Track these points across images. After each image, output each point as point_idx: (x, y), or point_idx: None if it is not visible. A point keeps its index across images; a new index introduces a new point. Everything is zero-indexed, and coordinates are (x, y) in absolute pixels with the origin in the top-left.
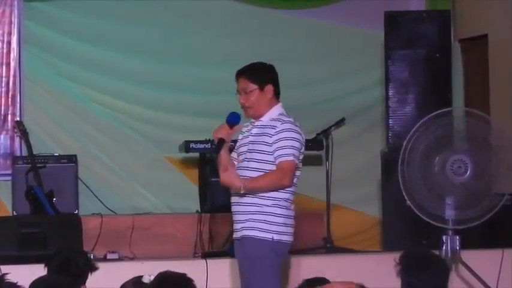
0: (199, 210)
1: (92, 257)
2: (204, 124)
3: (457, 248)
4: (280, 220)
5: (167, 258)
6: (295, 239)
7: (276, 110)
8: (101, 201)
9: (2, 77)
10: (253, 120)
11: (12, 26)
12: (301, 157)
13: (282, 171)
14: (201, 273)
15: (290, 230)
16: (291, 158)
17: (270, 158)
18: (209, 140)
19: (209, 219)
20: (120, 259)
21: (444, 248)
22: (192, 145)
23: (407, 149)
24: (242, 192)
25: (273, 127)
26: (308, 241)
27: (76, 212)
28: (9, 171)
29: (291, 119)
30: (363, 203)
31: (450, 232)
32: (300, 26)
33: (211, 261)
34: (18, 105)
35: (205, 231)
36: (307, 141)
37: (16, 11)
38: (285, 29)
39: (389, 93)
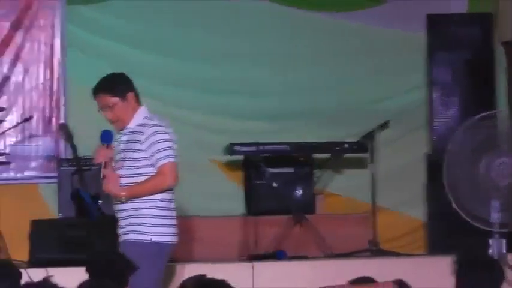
0: (244, 212)
1: None
2: (249, 126)
3: (504, 251)
4: (158, 221)
5: (212, 261)
6: (339, 241)
7: (141, 114)
8: None
9: (46, 80)
10: (121, 130)
11: (55, 29)
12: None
13: (162, 174)
14: (247, 276)
15: (170, 230)
16: (167, 160)
17: (142, 163)
18: (254, 142)
19: (255, 221)
20: (171, 260)
21: (490, 251)
22: (236, 147)
23: (452, 151)
24: (124, 200)
25: (140, 133)
26: (352, 244)
27: None
28: (54, 174)
29: (155, 122)
30: (407, 205)
31: (496, 235)
32: (335, 28)
33: (258, 264)
34: (62, 107)
35: (251, 234)
36: (351, 143)
37: (59, 14)
38: (319, 30)
39: (433, 96)
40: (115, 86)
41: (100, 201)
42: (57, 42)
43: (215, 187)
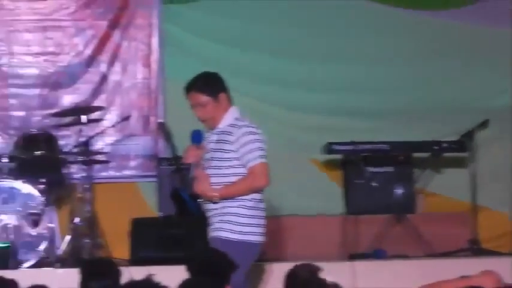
0: (344, 211)
1: None
2: (347, 125)
3: None
4: (246, 220)
5: (312, 259)
6: (439, 241)
7: (232, 115)
8: None
9: (144, 78)
10: (210, 129)
11: (153, 28)
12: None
13: (253, 175)
14: (348, 275)
15: (258, 230)
16: (258, 160)
17: (231, 163)
18: (353, 141)
19: (354, 220)
20: (265, 260)
21: None
22: (335, 146)
23: None
24: (217, 200)
25: (230, 134)
26: (453, 243)
27: None
28: (154, 173)
29: (245, 122)
30: (508, 205)
31: None
32: (434, 26)
33: (358, 263)
34: (160, 106)
35: (351, 233)
36: (450, 142)
37: (156, 13)
38: (417, 29)
39: None
40: (208, 85)
41: (199, 200)
42: (155, 41)
43: (314, 186)
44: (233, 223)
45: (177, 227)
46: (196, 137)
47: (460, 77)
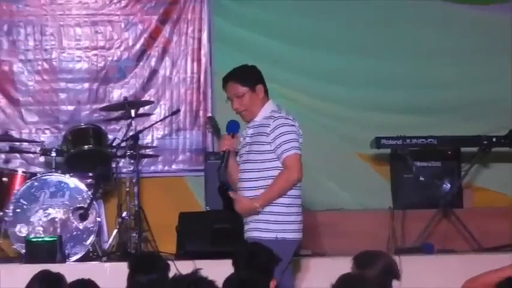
0: (391, 206)
1: None
2: (395, 120)
3: None
4: (283, 218)
5: None
6: (487, 236)
7: (268, 108)
8: None
9: (193, 73)
10: (247, 122)
11: (203, 22)
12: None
13: (288, 168)
14: None
15: (295, 226)
16: (293, 151)
17: (268, 156)
18: (401, 136)
19: (402, 215)
20: (312, 255)
21: None
22: (383, 141)
23: None
24: (260, 210)
25: (267, 125)
26: (501, 238)
27: None
28: (202, 167)
29: (282, 114)
30: None
31: None
32: (482, 22)
33: (405, 258)
34: (209, 101)
35: (398, 228)
36: (499, 137)
37: (206, 7)
38: (465, 24)
39: None
40: (246, 76)
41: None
42: (205, 36)
43: (362, 181)
44: (270, 222)
45: (224, 221)
46: (232, 127)
47: (508, 73)
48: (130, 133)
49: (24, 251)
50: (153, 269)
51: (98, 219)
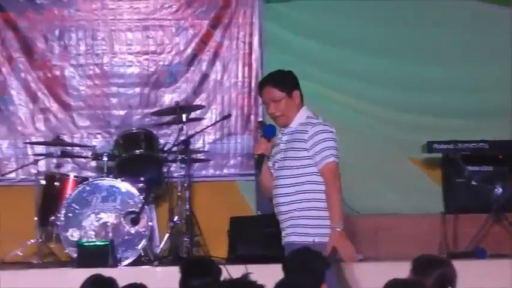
0: (443, 210)
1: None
2: (447, 124)
3: None
4: (320, 222)
5: (412, 259)
6: None
7: (303, 114)
8: (345, 201)
9: (244, 77)
10: (282, 128)
11: (253, 27)
12: None
13: (332, 175)
14: None
15: (329, 230)
16: (331, 159)
17: (304, 162)
18: (453, 140)
19: (453, 219)
20: (364, 259)
21: None
22: (435, 145)
23: None
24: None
25: (304, 132)
26: None
27: None
28: (253, 171)
29: (320, 120)
30: None
31: None
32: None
33: (457, 262)
34: (260, 105)
35: (450, 232)
36: None
37: (257, 12)
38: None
39: None
40: (284, 81)
41: None
42: (255, 40)
43: (414, 184)
44: (307, 226)
45: (275, 225)
46: (269, 131)
47: None
48: (182, 138)
49: (76, 255)
50: (206, 273)
51: (150, 223)
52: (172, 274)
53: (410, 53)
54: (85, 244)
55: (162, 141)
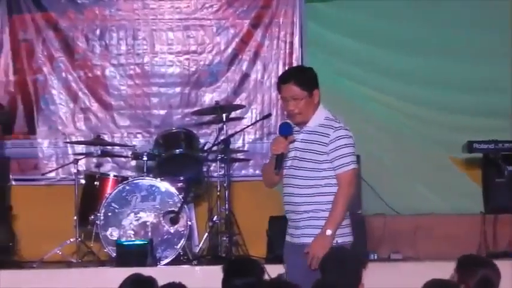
0: (483, 210)
1: (375, 257)
2: (487, 124)
3: None
4: None
5: (451, 259)
6: None
7: (321, 114)
8: (384, 201)
9: None
10: (298, 125)
11: (295, 27)
12: None
13: (348, 182)
14: None
15: (348, 230)
16: (351, 166)
17: (323, 166)
18: (493, 140)
19: (493, 219)
20: (403, 259)
21: None
22: (475, 145)
23: None
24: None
25: (326, 135)
26: None
27: (359, 211)
28: None
29: (341, 124)
30: None
31: None
32: None
33: (496, 263)
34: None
35: (490, 232)
36: None
37: (298, 11)
38: None
39: None
40: (307, 80)
41: None
42: (296, 40)
43: (453, 184)
44: None
45: None
46: (285, 129)
47: None
48: (222, 137)
49: (115, 254)
50: (250, 272)
51: (189, 222)
52: (211, 273)
53: (452, 52)
54: (124, 243)
55: (202, 140)
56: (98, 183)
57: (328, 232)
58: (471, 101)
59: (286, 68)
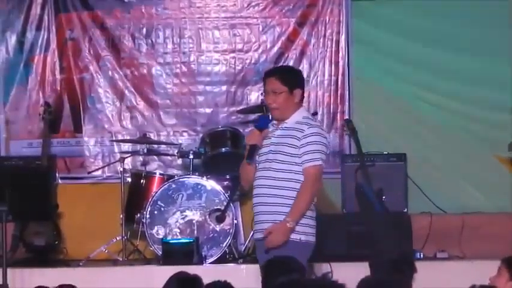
0: None
1: (421, 255)
2: None
3: None
4: (307, 221)
5: (497, 258)
6: None
7: (300, 113)
8: (430, 199)
9: (330, 75)
10: (275, 122)
11: (341, 25)
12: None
13: (314, 177)
14: None
15: (313, 230)
16: (319, 162)
17: (295, 159)
18: None
19: None
20: (449, 258)
21: None
22: None
23: None
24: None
25: (300, 130)
26: None
27: (405, 210)
28: (339, 169)
29: (317, 123)
30: None
31: None
32: None
33: None
34: (346, 103)
35: None
36: None
37: (344, 10)
38: None
39: None
40: (289, 77)
41: (383, 197)
42: (343, 38)
43: (499, 183)
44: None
45: (360, 223)
46: (262, 122)
47: None
48: None
49: (161, 252)
50: (289, 271)
51: (235, 221)
52: (256, 272)
53: (500, 52)
54: (170, 241)
55: None
56: (144, 182)
57: (289, 224)
58: None
59: (333, 67)
